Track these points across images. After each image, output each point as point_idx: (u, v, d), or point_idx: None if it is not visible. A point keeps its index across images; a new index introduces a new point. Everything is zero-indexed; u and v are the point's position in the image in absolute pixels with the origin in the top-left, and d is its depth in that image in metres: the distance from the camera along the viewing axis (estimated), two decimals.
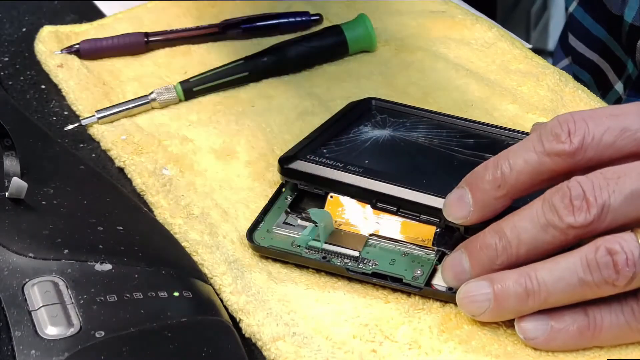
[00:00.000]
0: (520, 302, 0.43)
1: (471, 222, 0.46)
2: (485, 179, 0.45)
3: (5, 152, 0.50)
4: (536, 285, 0.43)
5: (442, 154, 0.51)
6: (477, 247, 0.45)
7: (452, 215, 0.46)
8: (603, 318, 0.43)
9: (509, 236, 0.44)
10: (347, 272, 0.48)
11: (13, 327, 0.41)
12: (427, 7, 0.70)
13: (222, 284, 0.48)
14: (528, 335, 0.44)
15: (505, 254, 0.44)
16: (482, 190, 0.45)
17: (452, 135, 0.53)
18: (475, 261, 0.45)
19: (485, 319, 0.45)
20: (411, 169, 0.50)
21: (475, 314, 0.45)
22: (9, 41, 0.69)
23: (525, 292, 0.43)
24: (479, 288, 0.44)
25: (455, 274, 0.45)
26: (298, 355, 0.44)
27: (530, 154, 0.44)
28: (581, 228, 0.42)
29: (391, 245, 0.49)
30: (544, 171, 0.44)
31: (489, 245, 0.44)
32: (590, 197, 0.42)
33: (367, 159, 0.51)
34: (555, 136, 0.43)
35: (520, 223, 0.43)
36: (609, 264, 0.41)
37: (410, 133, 0.53)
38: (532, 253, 0.43)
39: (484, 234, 0.45)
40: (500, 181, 0.44)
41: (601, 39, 0.75)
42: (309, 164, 0.50)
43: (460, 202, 0.46)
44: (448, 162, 0.51)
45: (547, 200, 0.43)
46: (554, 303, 0.43)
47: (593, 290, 0.42)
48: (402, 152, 0.52)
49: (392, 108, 0.56)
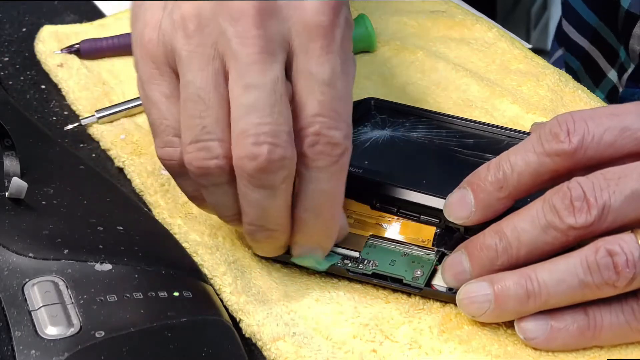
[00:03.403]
0: (521, 303, 0.43)
1: (473, 222, 0.46)
2: (487, 180, 0.45)
3: (5, 152, 0.50)
4: (537, 287, 0.43)
5: (442, 154, 0.51)
6: (477, 247, 0.45)
7: (454, 216, 0.46)
8: (603, 318, 0.43)
9: (510, 237, 0.44)
10: (347, 273, 0.48)
11: (13, 327, 0.41)
12: (427, 7, 0.70)
13: (222, 284, 0.48)
14: (528, 335, 0.44)
15: (506, 254, 0.44)
16: (484, 191, 0.45)
17: (452, 136, 0.53)
18: (476, 262, 0.45)
19: (486, 320, 0.45)
20: (411, 169, 0.50)
21: (475, 314, 0.45)
22: (9, 41, 0.69)
23: (526, 293, 0.43)
24: (480, 289, 0.44)
25: (455, 274, 0.45)
26: (298, 355, 0.44)
27: (531, 155, 0.44)
28: (582, 229, 0.42)
29: (391, 245, 0.49)
30: (544, 172, 0.44)
31: (490, 246, 0.44)
32: (590, 197, 0.42)
33: (367, 160, 0.51)
34: (555, 136, 0.43)
35: (521, 224, 0.43)
36: (609, 265, 0.41)
37: (410, 133, 0.53)
38: (533, 254, 0.43)
39: (484, 235, 0.45)
40: (502, 182, 0.44)
41: (592, 25, 0.75)
42: None
43: (462, 203, 0.46)
44: (448, 163, 0.51)
45: (548, 201, 0.43)
46: (555, 304, 0.43)
47: (593, 291, 0.42)
48: (402, 153, 0.52)
49: (391, 108, 0.55)
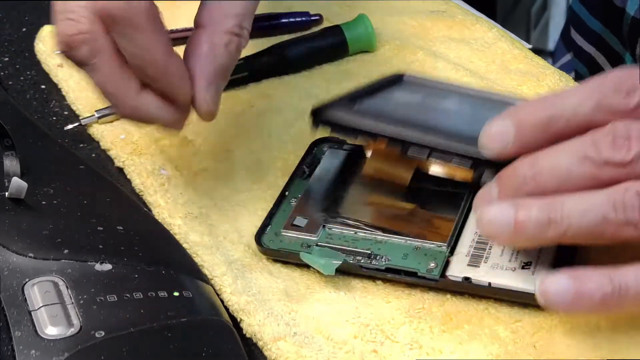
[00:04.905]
0: (541, 229, 0.42)
1: (507, 156, 0.44)
2: (532, 116, 0.44)
3: (5, 152, 0.50)
4: (559, 216, 0.42)
5: (476, 111, 0.51)
6: (507, 174, 0.44)
7: (489, 147, 0.45)
8: (628, 284, 0.42)
9: (542, 165, 0.43)
10: (360, 270, 0.48)
11: (13, 327, 0.41)
12: (427, 7, 0.70)
13: (222, 285, 0.48)
14: (551, 299, 0.42)
15: (534, 182, 0.43)
16: (527, 126, 0.44)
17: (485, 108, 0.51)
18: (503, 187, 0.44)
19: (501, 242, 0.44)
20: (443, 120, 0.49)
21: (492, 235, 0.44)
22: (9, 41, 0.69)
23: (548, 220, 0.42)
24: (501, 210, 0.43)
25: (482, 201, 0.45)
26: (299, 355, 0.44)
27: (586, 101, 0.43)
28: (617, 166, 0.42)
29: (402, 240, 0.48)
30: (594, 120, 0.43)
31: (520, 174, 0.43)
32: (634, 138, 0.42)
33: (400, 111, 0.50)
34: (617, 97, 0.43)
35: (557, 154, 0.43)
36: (635, 207, 0.41)
37: (442, 100, 0.52)
38: (562, 186, 0.43)
39: (516, 163, 0.44)
40: (548, 122, 0.44)
41: (597, 32, 0.75)
42: (342, 112, 0.50)
43: (500, 135, 0.44)
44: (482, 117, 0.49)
45: (590, 135, 0.42)
46: (572, 237, 0.42)
47: (613, 229, 0.42)
48: (434, 108, 0.51)
49: (423, 82, 0.55)
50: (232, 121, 0.60)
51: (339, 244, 0.49)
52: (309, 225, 0.50)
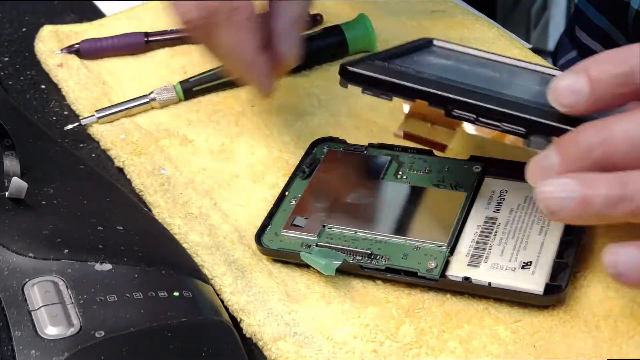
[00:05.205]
0: (609, 207, 0.38)
1: (578, 112, 0.41)
2: (609, 70, 0.40)
3: (5, 152, 0.50)
4: (630, 192, 0.38)
5: (516, 78, 0.48)
6: (568, 139, 0.40)
7: (560, 101, 0.41)
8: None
9: (613, 129, 0.39)
10: (360, 270, 0.48)
11: (13, 327, 0.41)
12: (427, 7, 0.70)
13: (222, 285, 0.48)
14: (619, 269, 0.39)
15: (601, 149, 0.39)
16: (602, 81, 0.40)
17: (525, 75, 0.50)
18: (565, 155, 0.40)
19: (560, 219, 0.40)
20: (487, 81, 0.46)
21: (552, 209, 0.40)
22: (9, 41, 0.69)
23: (619, 197, 0.38)
24: (566, 185, 0.39)
25: (539, 168, 0.41)
26: (299, 355, 0.44)
27: None
28: None
29: (402, 240, 0.48)
30: None
31: (584, 139, 0.39)
32: None
33: (438, 71, 0.47)
34: None
35: (630, 118, 0.39)
36: None
37: (478, 66, 0.50)
38: (630, 157, 0.39)
39: (579, 128, 0.40)
40: (626, 77, 0.40)
41: (604, 28, 0.75)
42: (376, 69, 0.47)
43: (572, 89, 0.41)
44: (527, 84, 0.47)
45: None
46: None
47: None
48: (472, 73, 0.49)
49: (455, 48, 0.52)
50: (232, 121, 0.60)
51: (339, 244, 0.49)
52: (309, 225, 0.50)
